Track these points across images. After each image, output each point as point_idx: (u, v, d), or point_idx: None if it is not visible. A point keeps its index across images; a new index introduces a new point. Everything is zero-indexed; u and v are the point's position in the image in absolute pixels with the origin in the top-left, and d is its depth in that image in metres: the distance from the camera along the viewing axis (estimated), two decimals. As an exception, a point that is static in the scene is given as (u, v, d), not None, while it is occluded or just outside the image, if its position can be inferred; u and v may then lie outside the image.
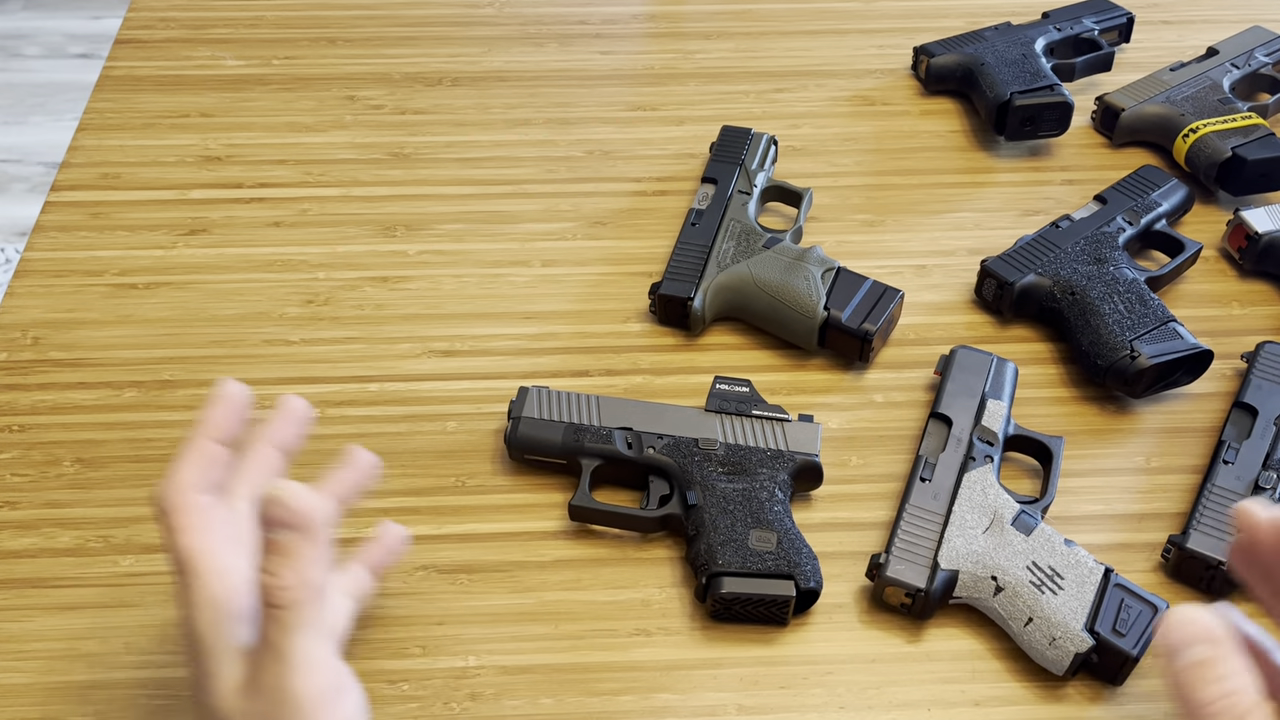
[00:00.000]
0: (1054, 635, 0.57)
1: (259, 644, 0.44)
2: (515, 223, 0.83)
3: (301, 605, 0.43)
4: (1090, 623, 0.57)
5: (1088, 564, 0.59)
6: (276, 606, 0.42)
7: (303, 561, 0.43)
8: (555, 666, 0.59)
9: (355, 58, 0.96)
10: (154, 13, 1.00)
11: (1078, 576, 0.59)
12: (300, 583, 0.43)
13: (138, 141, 0.88)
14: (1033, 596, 0.58)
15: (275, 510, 0.43)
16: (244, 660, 0.45)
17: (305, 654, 0.43)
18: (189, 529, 0.47)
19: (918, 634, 0.61)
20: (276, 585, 0.42)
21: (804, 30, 1.00)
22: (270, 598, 0.42)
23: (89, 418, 0.70)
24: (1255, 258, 0.79)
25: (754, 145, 0.83)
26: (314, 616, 0.44)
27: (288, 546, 0.42)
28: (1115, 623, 0.57)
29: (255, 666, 0.44)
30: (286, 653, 0.43)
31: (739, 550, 0.60)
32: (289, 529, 0.42)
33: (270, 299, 0.77)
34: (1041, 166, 0.88)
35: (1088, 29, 0.94)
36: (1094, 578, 0.59)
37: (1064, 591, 0.58)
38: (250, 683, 0.44)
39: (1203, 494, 0.64)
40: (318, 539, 0.43)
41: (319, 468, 0.67)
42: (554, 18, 1.01)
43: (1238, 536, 0.46)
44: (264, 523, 0.43)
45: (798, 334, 0.73)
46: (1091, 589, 0.58)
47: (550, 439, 0.66)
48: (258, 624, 0.44)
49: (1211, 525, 0.62)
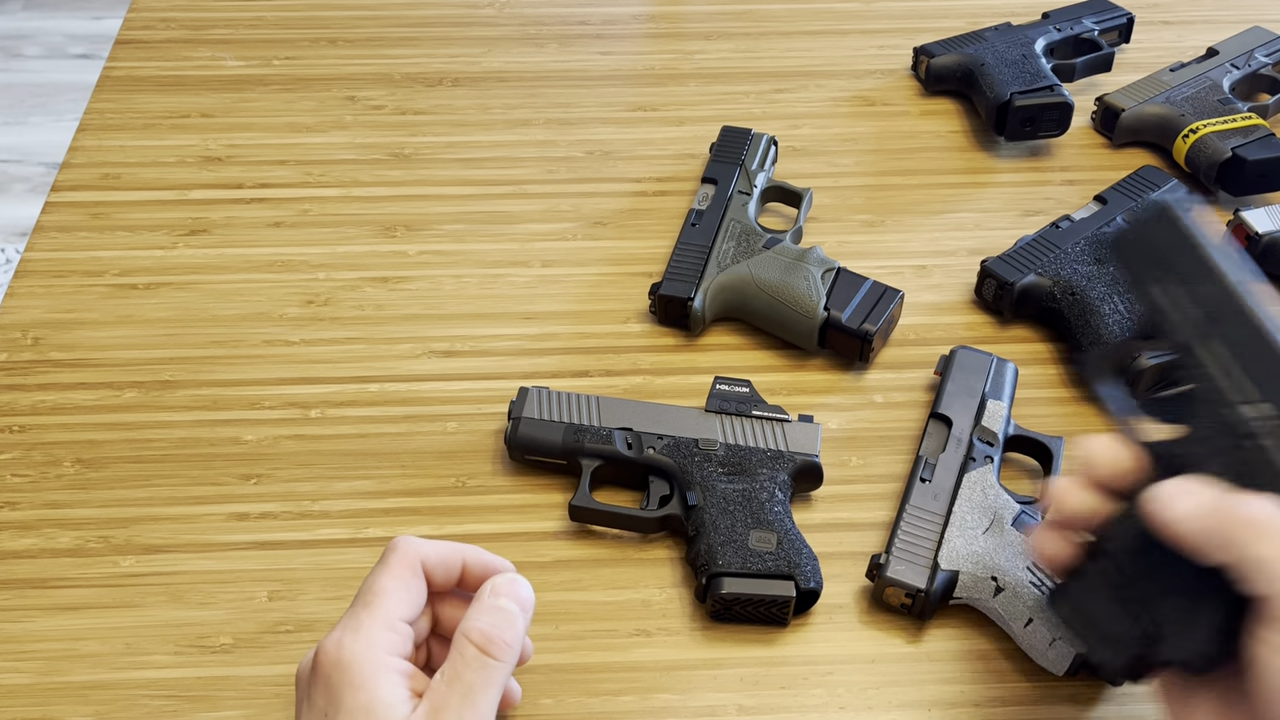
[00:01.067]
0: (1054, 636, 0.57)
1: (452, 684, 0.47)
2: (515, 223, 0.83)
3: (506, 665, 0.49)
4: None
5: None
6: (492, 657, 0.48)
7: (519, 632, 0.50)
8: (555, 667, 0.59)
9: (356, 58, 0.96)
10: (154, 13, 1.00)
11: None
12: (515, 644, 0.49)
13: (138, 142, 0.88)
14: (1033, 597, 0.58)
15: (509, 586, 0.51)
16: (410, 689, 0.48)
17: (490, 706, 0.48)
18: None
19: (918, 634, 0.61)
20: (499, 637, 0.48)
21: (804, 30, 1.00)
22: (489, 646, 0.48)
23: (89, 418, 0.70)
24: (1256, 258, 0.78)
25: (754, 146, 0.83)
26: (505, 680, 0.49)
27: (512, 614, 0.50)
28: None
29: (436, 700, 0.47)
30: (478, 699, 0.47)
31: (739, 551, 0.60)
32: (515, 601, 0.50)
33: (270, 299, 0.77)
34: (1042, 167, 0.88)
35: (1088, 29, 0.94)
36: None
37: None
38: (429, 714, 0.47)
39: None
40: (528, 622, 0.51)
41: (320, 467, 0.68)
42: (554, 18, 1.01)
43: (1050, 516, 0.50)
44: (493, 592, 0.50)
45: (798, 334, 0.73)
46: None
47: (550, 439, 0.66)
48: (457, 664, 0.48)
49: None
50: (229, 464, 0.68)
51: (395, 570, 0.51)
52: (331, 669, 0.47)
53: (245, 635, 0.60)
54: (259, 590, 0.62)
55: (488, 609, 0.50)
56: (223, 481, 0.67)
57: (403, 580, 0.50)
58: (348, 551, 0.64)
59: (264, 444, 0.69)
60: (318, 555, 0.63)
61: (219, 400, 0.71)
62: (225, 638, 0.60)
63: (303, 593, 0.62)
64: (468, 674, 0.47)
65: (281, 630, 0.60)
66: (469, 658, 0.48)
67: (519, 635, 0.50)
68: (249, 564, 0.63)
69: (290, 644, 0.60)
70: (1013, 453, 0.68)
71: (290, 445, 0.69)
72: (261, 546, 0.64)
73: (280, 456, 0.68)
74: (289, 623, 0.61)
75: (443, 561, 0.52)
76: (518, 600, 0.50)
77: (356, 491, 0.67)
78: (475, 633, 0.48)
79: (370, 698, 0.46)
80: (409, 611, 0.50)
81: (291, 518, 0.65)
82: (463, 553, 0.53)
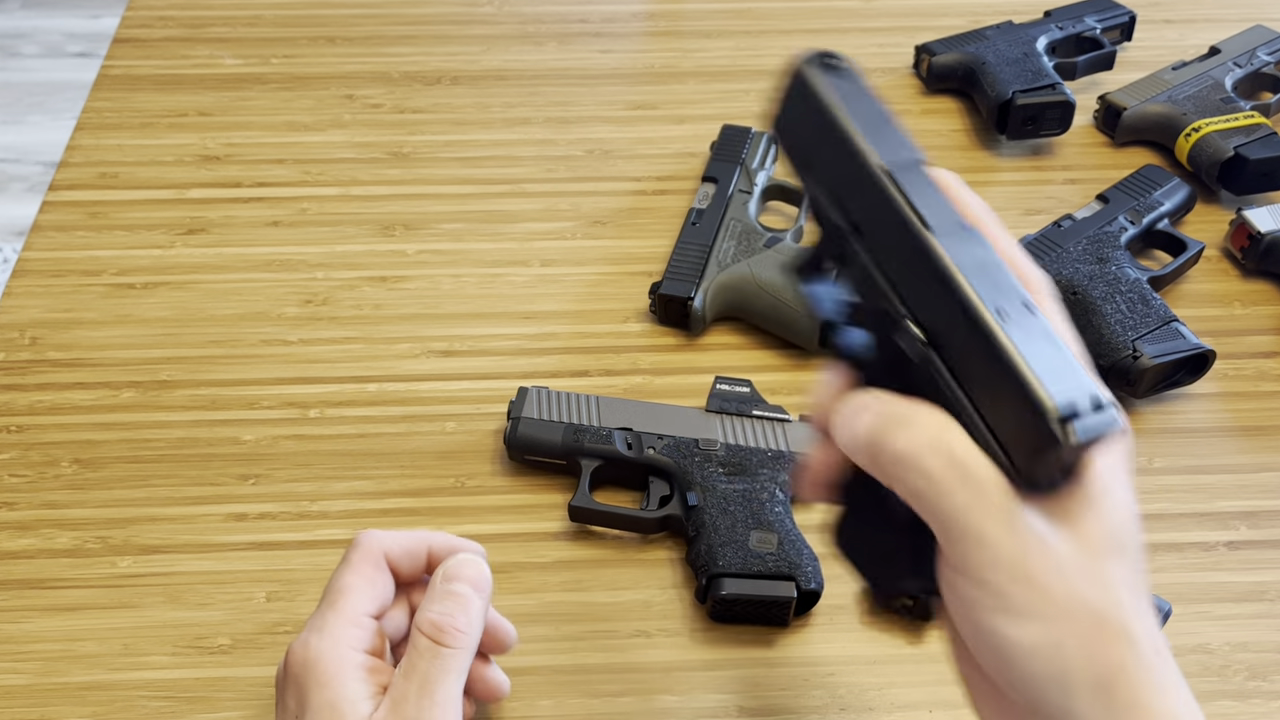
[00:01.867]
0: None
1: (408, 676, 0.47)
2: (514, 222, 0.82)
3: (463, 651, 0.48)
4: None
5: None
6: (444, 645, 0.47)
7: (475, 615, 0.49)
8: (555, 668, 0.59)
9: (354, 56, 0.96)
10: (152, 11, 1.00)
11: None
12: (469, 630, 0.48)
13: (136, 141, 0.88)
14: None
15: (461, 567, 0.50)
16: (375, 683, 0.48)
17: (451, 695, 0.47)
18: None
19: (919, 636, 0.61)
20: (452, 625, 0.48)
21: (804, 29, 1.00)
22: (441, 636, 0.47)
23: (87, 418, 0.70)
24: (1258, 257, 0.78)
25: (754, 144, 0.82)
26: (466, 665, 0.48)
27: (466, 598, 0.49)
28: None
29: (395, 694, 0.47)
30: (437, 689, 0.47)
31: (739, 551, 0.60)
32: (469, 584, 0.49)
33: (269, 299, 0.77)
34: (1043, 166, 0.88)
35: (1089, 28, 0.93)
36: None
37: None
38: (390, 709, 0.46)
39: None
40: (486, 600, 0.50)
41: (318, 468, 0.67)
42: (553, 16, 1.01)
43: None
44: (445, 576, 0.50)
45: (799, 334, 0.73)
46: None
47: (550, 439, 0.65)
48: (412, 656, 0.47)
49: None
50: (227, 464, 0.67)
51: (357, 566, 0.50)
52: (299, 669, 0.47)
53: (243, 636, 0.60)
54: (257, 591, 0.62)
55: (439, 595, 0.49)
56: (221, 482, 0.67)
57: (365, 575, 0.50)
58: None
59: (262, 444, 0.68)
60: (316, 556, 0.63)
61: (217, 400, 0.71)
62: (223, 638, 0.60)
63: (301, 593, 0.62)
64: (422, 664, 0.47)
65: (280, 631, 0.60)
66: (422, 648, 0.47)
67: (474, 619, 0.49)
68: (247, 564, 0.63)
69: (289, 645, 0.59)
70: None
71: (289, 445, 0.68)
72: (260, 547, 0.64)
73: (279, 457, 0.68)
74: (287, 623, 0.60)
75: (407, 552, 0.52)
76: (471, 581, 0.49)
77: (355, 492, 0.66)
78: (426, 623, 0.48)
79: (335, 695, 0.46)
80: (374, 606, 0.50)
81: (290, 518, 0.65)
82: (428, 540, 0.53)
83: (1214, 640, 0.61)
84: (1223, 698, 0.59)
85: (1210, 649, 0.60)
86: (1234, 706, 0.58)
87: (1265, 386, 0.73)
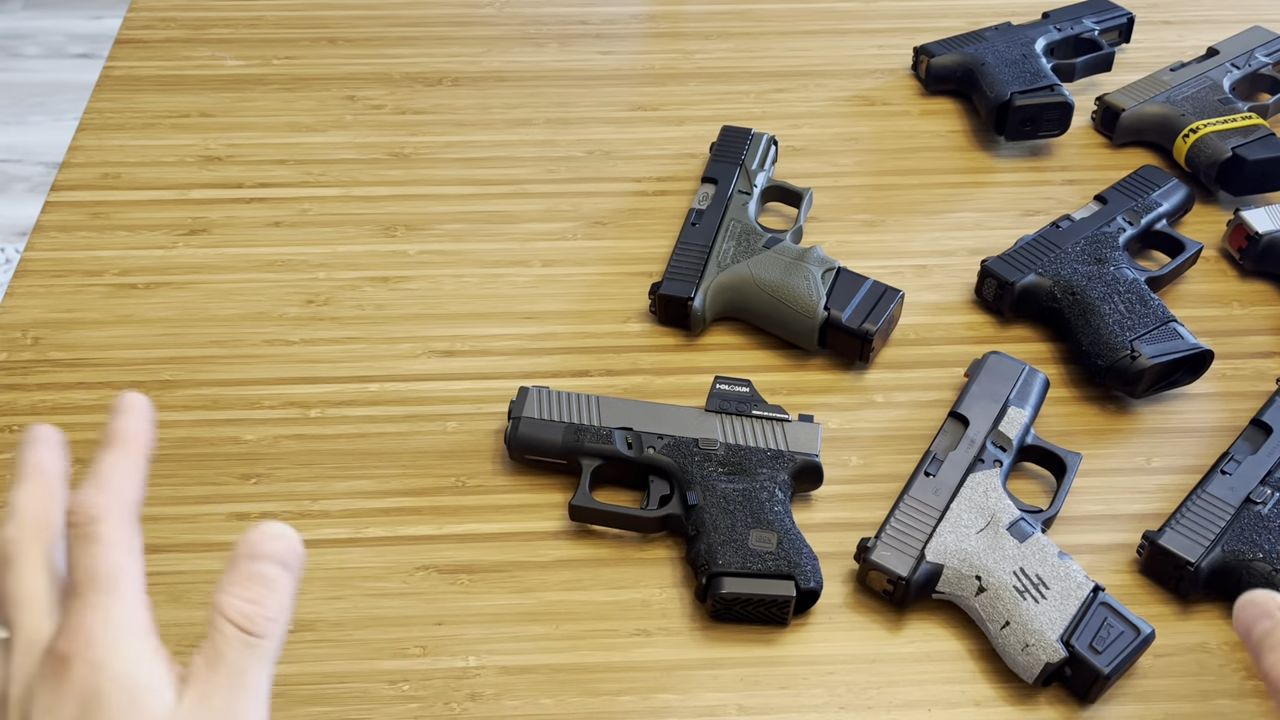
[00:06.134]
0: (1027, 641, 0.57)
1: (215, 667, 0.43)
2: (515, 223, 0.83)
3: (275, 639, 0.43)
4: (1067, 635, 0.57)
5: (1077, 578, 0.59)
6: (253, 635, 0.43)
7: (285, 596, 0.43)
8: (555, 667, 0.59)
9: (355, 58, 0.96)
10: (154, 13, 1.00)
11: (1064, 589, 0.59)
12: (280, 616, 0.43)
13: (138, 141, 0.88)
14: (1013, 601, 0.58)
15: (269, 544, 0.43)
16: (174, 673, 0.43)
17: (261, 685, 0.43)
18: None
19: (919, 634, 0.61)
20: (261, 614, 0.42)
21: (804, 30, 1.00)
22: (250, 625, 0.43)
23: (89, 418, 0.70)
24: (1255, 258, 0.79)
25: (754, 145, 0.83)
26: (278, 651, 0.44)
27: (274, 579, 0.43)
28: (1094, 639, 0.57)
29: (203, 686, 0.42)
30: (249, 680, 0.42)
31: (739, 550, 0.60)
32: (277, 563, 0.43)
33: (270, 299, 0.77)
34: (1042, 166, 0.88)
35: (1088, 29, 0.93)
36: (1080, 592, 0.58)
37: (1046, 601, 0.58)
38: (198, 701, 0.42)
39: (1191, 498, 0.63)
40: (297, 577, 0.44)
41: (319, 467, 0.68)
42: (554, 18, 1.01)
43: None
44: (250, 554, 0.43)
45: (798, 334, 0.73)
46: (1076, 603, 0.58)
47: (550, 439, 0.66)
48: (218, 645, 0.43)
49: (1189, 527, 0.62)
50: (229, 464, 0.68)
51: None
52: None
53: (245, 635, 0.60)
54: (259, 590, 0.62)
55: (243, 578, 0.43)
56: (222, 481, 0.67)
57: None
58: (348, 551, 0.64)
59: (264, 444, 0.69)
60: (318, 555, 0.63)
61: (219, 400, 0.71)
62: (225, 637, 0.60)
63: (303, 593, 0.62)
64: (232, 655, 0.42)
65: (281, 630, 0.60)
66: (230, 638, 0.42)
67: (285, 602, 0.43)
68: (249, 564, 0.63)
69: (291, 644, 0.60)
70: (1029, 463, 0.68)
71: (290, 445, 0.69)
72: (261, 546, 0.64)
73: (280, 456, 0.68)
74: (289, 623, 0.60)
75: None
76: (280, 559, 0.43)
77: (356, 491, 0.67)
78: (233, 610, 0.42)
79: None
80: None
81: (291, 517, 0.65)
82: None
83: (1213, 640, 0.61)
84: (1222, 697, 0.59)
85: (1209, 649, 0.61)
86: (1233, 706, 0.59)
87: (1264, 386, 0.73)
